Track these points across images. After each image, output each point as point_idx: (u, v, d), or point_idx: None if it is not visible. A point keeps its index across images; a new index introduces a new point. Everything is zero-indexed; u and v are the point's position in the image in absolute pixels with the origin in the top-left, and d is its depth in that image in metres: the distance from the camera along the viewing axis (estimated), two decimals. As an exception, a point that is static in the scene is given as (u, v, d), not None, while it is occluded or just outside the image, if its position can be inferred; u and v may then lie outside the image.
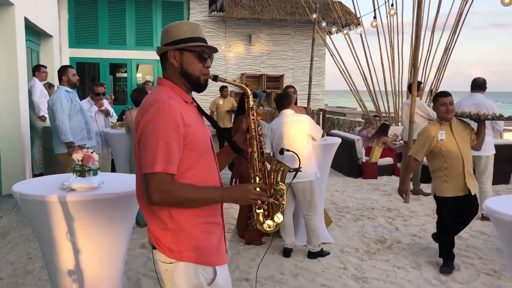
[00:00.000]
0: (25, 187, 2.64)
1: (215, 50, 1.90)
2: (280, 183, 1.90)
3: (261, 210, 1.88)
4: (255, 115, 1.97)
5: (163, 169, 1.66)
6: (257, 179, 1.88)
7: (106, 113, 6.23)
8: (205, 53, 1.85)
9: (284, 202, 1.90)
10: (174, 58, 1.83)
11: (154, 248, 1.81)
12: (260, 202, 1.80)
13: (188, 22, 1.87)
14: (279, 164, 1.91)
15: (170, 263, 1.76)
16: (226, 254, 1.91)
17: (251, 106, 1.96)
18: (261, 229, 1.90)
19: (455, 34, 11.07)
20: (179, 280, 1.77)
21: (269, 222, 1.89)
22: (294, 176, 1.92)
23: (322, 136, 4.49)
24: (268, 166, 1.94)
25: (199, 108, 1.91)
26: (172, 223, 1.75)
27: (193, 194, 1.71)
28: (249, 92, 1.96)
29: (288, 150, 2.07)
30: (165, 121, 1.68)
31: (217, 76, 1.90)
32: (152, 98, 1.76)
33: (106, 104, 6.31)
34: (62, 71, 5.16)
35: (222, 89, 10.52)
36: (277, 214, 1.89)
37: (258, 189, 1.79)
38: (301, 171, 1.95)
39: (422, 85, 7.46)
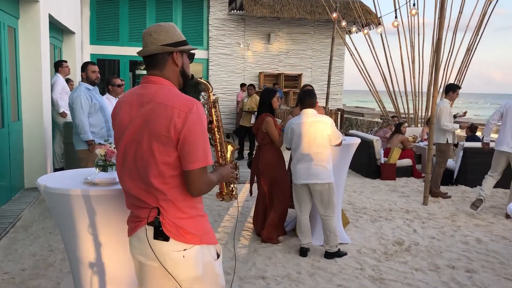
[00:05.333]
0: (49, 180, 2.69)
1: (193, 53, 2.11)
2: (235, 160, 2.42)
3: (232, 185, 2.37)
4: (217, 107, 2.27)
5: (210, 162, 1.87)
6: (221, 159, 2.22)
7: None
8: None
9: (238, 175, 2.38)
10: (177, 59, 1.96)
11: (166, 240, 1.86)
12: (234, 178, 2.23)
13: (175, 25, 2.02)
14: (228, 143, 2.34)
15: (185, 249, 1.88)
16: None
17: (213, 100, 2.24)
18: (227, 199, 2.39)
19: (478, 35, 10.91)
20: (197, 262, 1.91)
21: (234, 192, 2.41)
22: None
23: (339, 144, 4.41)
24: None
25: None
26: (194, 211, 1.92)
27: (213, 178, 1.97)
28: (210, 89, 2.24)
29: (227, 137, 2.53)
30: (204, 120, 1.86)
31: (193, 75, 2.12)
32: (183, 98, 1.86)
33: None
34: (83, 67, 5.13)
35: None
36: (235, 185, 2.42)
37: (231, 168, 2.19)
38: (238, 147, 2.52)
39: (457, 88, 7.18)
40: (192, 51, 2.05)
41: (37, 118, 6.56)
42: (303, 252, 4.45)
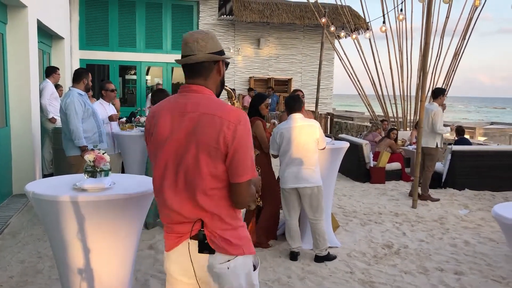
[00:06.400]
0: (37, 187, 2.68)
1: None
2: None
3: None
4: None
5: (256, 174, 1.87)
6: None
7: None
8: None
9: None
10: (221, 68, 1.93)
11: (212, 252, 1.83)
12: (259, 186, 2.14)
13: None
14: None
15: (229, 260, 1.84)
16: None
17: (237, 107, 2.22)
18: (253, 206, 2.20)
19: (465, 39, 11.05)
20: (240, 273, 1.87)
21: (258, 199, 2.30)
22: None
23: (323, 148, 4.46)
24: None
25: None
26: (236, 222, 1.89)
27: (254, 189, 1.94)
28: (234, 97, 2.27)
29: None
30: (251, 131, 1.86)
31: None
32: (230, 109, 1.82)
33: (113, 109, 6.29)
34: (83, 74, 5.07)
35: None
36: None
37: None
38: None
39: (445, 91, 7.29)
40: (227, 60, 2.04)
41: (25, 124, 6.51)
42: (293, 256, 4.46)
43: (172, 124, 1.82)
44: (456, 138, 8.88)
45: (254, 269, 1.96)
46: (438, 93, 7.06)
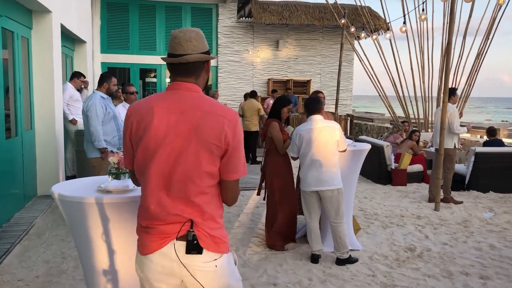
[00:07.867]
0: (63, 188, 2.72)
1: None
2: None
3: None
4: None
5: (246, 172, 1.93)
6: None
7: None
8: None
9: None
10: (209, 68, 1.96)
11: (200, 252, 1.81)
12: None
13: None
14: None
15: (215, 259, 1.84)
16: None
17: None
18: None
19: (488, 39, 10.84)
20: (227, 270, 1.89)
21: None
22: None
23: (344, 150, 4.42)
24: None
25: None
26: (221, 220, 1.93)
27: None
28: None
29: None
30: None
31: None
32: (228, 108, 1.89)
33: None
34: (105, 78, 5.18)
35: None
36: None
37: None
38: None
39: (456, 91, 7.29)
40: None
41: (49, 127, 6.64)
42: (314, 258, 4.44)
43: (170, 122, 1.79)
44: (487, 139, 8.64)
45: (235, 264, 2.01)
46: (450, 94, 6.92)
